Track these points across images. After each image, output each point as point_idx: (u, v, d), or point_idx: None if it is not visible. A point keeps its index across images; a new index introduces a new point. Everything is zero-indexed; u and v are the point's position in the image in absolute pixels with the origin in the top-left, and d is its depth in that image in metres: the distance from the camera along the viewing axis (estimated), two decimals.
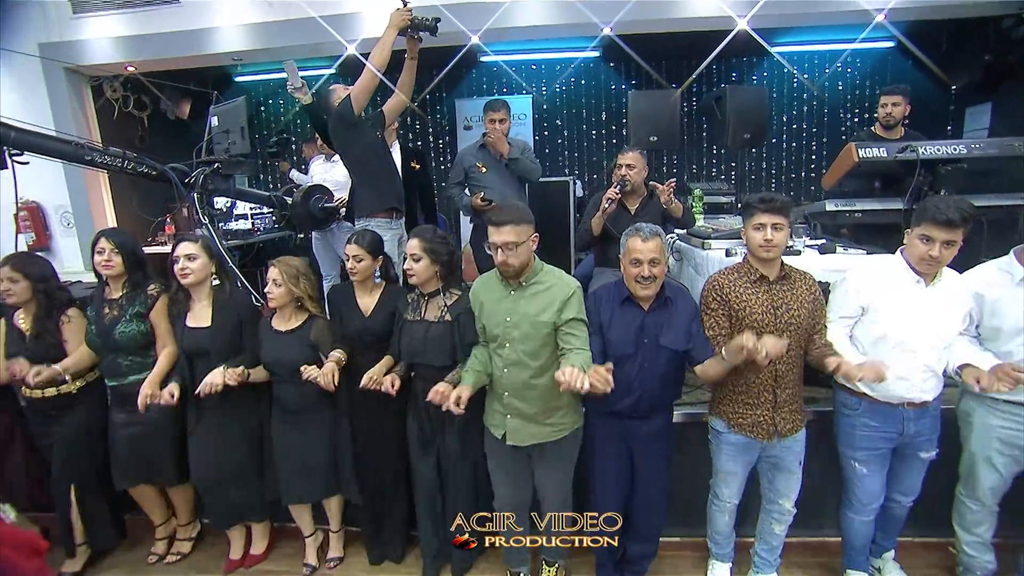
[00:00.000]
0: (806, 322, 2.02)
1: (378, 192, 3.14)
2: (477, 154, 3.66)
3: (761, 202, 1.94)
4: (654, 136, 4.14)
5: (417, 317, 2.26)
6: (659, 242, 1.97)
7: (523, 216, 1.97)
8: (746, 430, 2.10)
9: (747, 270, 2.05)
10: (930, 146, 2.76)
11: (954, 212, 1.79)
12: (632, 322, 2.04)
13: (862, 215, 2.97)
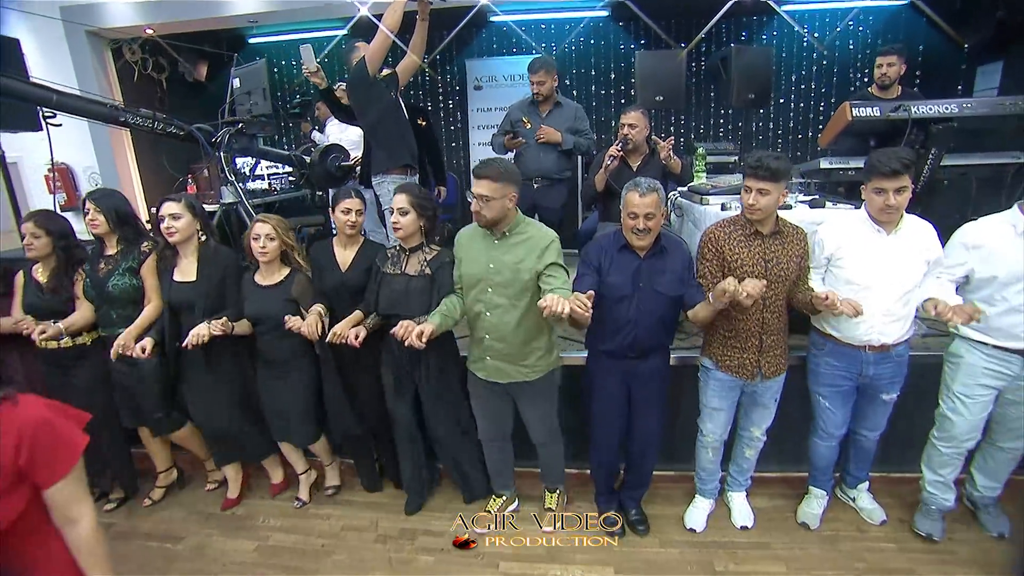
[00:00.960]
0: (795, 274, 2.20)
1: (391, 150, 3.30)
2: (525, 108, 3.75)
3: (750, 167, 2.08)
4: (660, 96, 4.23)
5: (397, 271, 2.37)
6: (656, 197, 2.10)
7: (502, 175, 2.09)
8: (732, 370, 2.31)
9: (742, 224, 2.20)
10: (921, 105, 2.85)
11: (895, 162, 1.98)
12: (629, 267, 2.20)
13: (855, 172, 3.08)
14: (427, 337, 2.06)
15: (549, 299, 1.81)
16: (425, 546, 2.61)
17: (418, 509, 2.80)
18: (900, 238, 2.13)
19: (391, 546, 2.62)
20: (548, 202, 3.70)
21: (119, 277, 2.52)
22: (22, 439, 1.13)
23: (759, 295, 1.96)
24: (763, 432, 2.47)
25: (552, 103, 3.67)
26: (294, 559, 2.58)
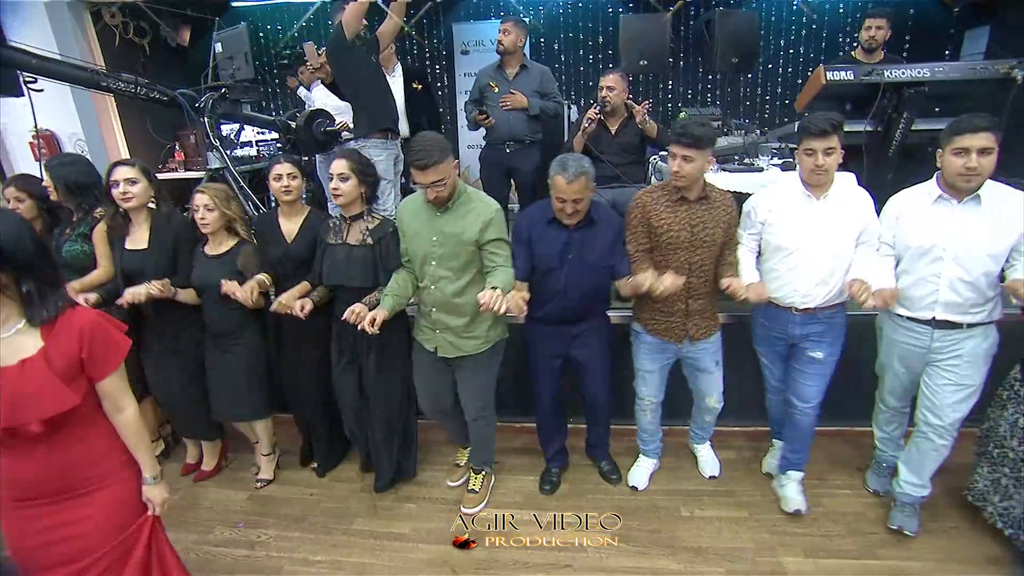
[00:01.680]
0: (721, 239, 2.23)
1: (371, 114, 3.33)
2: (493, 73, 3.76)
3: (675, 134, 2.07)
4: (644, 60, 4.22)
5: (339, 240, 2.35)
6: (584, 181, 2.07)
7: (441, 154, 2.04)
8: (660, 334, 2.37)
9: (669, 190, 2.22)
10: (895, 69, 2.89)
11: (824, 123, 1.99)
12: (558, 239, 2.22)
13: None
14: (379, 324, 2.10)
15: (488, 296, 1.90)
16: (408, 495, 2.75)
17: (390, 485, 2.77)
18: (831, 203, 2.14)
19: (376, 495, 2.76)
20: (522, 165, 3.74)
21: (72, 243, 2.53)
22: (83, 336, 1.38)
23: (675, 290, 2.05)
24: (718, 400, 2.52)
25: (519, 65, 3.67)
26: (284, 507, 2.72)
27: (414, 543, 2.47)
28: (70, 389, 1.36)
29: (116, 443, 1.54)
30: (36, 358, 1.33)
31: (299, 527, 2.60)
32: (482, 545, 2.42)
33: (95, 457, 1.49)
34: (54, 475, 1.42)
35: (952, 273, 2.00)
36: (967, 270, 1.98)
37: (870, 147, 3.15)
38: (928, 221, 2.04)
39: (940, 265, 2.02)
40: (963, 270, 1.98)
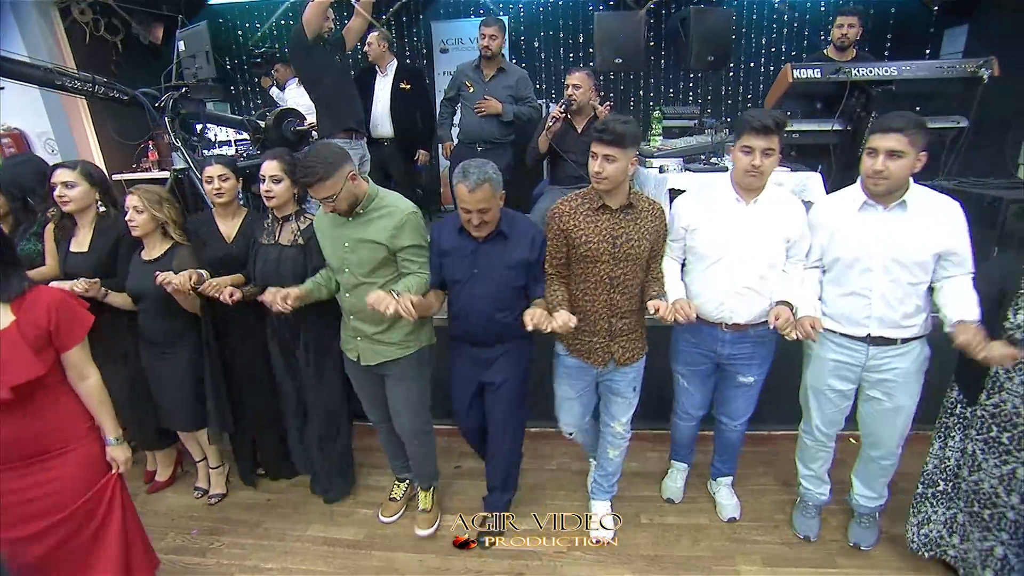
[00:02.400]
0: (647, 252, 2.02)
1: (334, 113, 3.30)
2: (471, 72, 3.73)
3: (595, 132, 1.89)
4: (619, 58, 4.19)
5: (271, 241, 2.32)
6: (488, 189, 1.89)
7: (328, 169, 1.90)
8: (583, 355, 2.13)
9: (590, 197, 2.00)
10: (862, 67, 2.85)
11: (767, 119, 1.83)
12: (464, 251, 2.05)
13: (799, 136, 3.11)
14: (292, 301, 2.02)
15: (373, 298, 1.85)
16: (366, 501, 2.71)
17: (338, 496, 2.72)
18: (760, 209, 1.98)
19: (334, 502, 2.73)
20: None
21: (25, 243, 2.51)
22: (51, 310, 1.57)
23: (565, 331, 1.85)
24: (625, 426, 2.29)
25: (497, 67, 3.66)
26: (240, 513, 2.68)
27: (367, 550, 2.43)
28: (38, 359, 1.53)
29: (81, 409, 1.72)
30: (10, 330, 1.50)
31: (253, 533, 2.56)
32: (444, 553, 2.38)
33: (62, 422, 1.67)
34: (26, 440, 1.59)
35: (883, 285, 1.87)
36: (897, 281, 1.86)
37: (839, 147, 3.12)
38: (855, 230, 1.90)
39: (870, 277, 1.88)
40: (893, 282, 1.86)
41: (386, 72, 3.98)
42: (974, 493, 1.93)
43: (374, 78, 4.14)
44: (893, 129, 1.74)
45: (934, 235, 1.81)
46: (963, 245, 1.81)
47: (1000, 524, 1.87)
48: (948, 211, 1.83)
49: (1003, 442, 1.83)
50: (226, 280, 2.30)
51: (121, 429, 1.84)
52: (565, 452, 2.96)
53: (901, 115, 1.78)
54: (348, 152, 2.03)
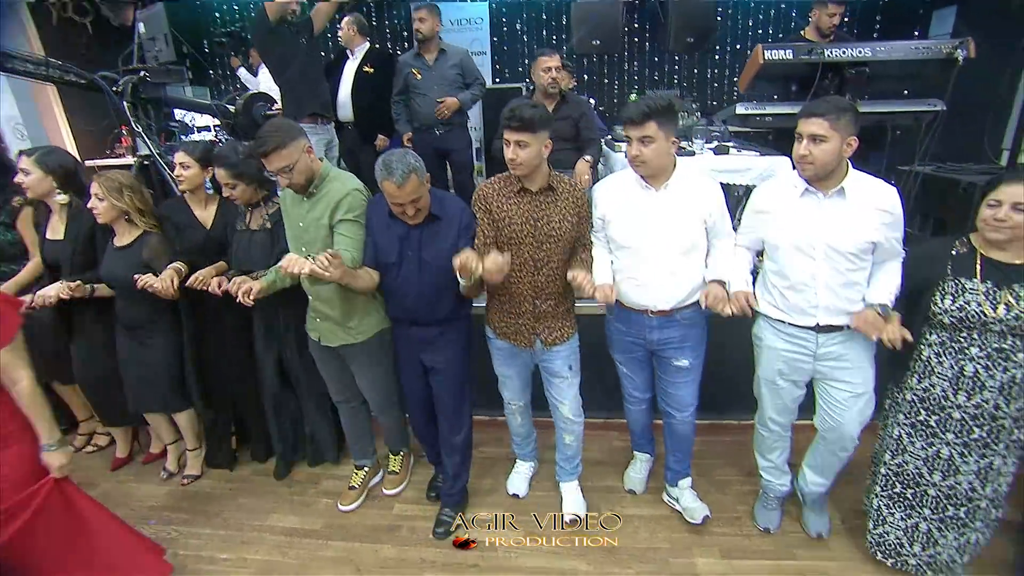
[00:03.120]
0: (569, 234, 2.02)
1: (298, 98, 3.24)
2: (413, 60, 3.69)
3: (505, 119, 1.86)
4: (597, 40, 4.09)
5: (244, 227, 2.38)
6: (415, 180, 1.87)
7: (283, 138, 1.92)
8: (509, 337, 2.16)
9: (511, 180, 2.02)
10: (834, 49, 2.77)
11: (634, 110, 1.81)
12: (395, 234, 2.05)
13: (772, 119, 3.02)
14: (254, 295, 2.02)
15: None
16: (328, 490, 2.69)
17: (287, 473, 2.79)
18: (670, 195, 1.96)
19: (296, 489, 2.72)
20: (453, 145, 3.71)
21: None
22: None
23: (498, 271, 1.81)
24: (572, 412, 2.29)
25: (436, 50, 3.62)
26: (200, 503, 2.66)
27: (325, 540, 2.41)
28: None
29: (15, 411, 1.69)
30: None
31: (212, 523, 2.54)
32: (400, 543, 2.36)
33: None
34: None
35: (827, 274, 1.85)
36: (839, 269, 1.84)
37: None
38: (796, 217, 1.88)
39: (814, 266, 1.86)
40: (835, 270, 1.84)
41: (355, 55, 3.90)
42: (896, 475, 1.99)
43: (346, 61, 4.07)
44: (815, 114, 1.73)
45: (872, 223, 1.80)
46: (898, 232, 1.83)
47: (923, 501, 1.94)
48: (886, 199, 1.80)
49: (931, 425, 1.88)
50: (211, 271, 2.31)
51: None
52: None
53: (826, 100, 1.78)
54: (301, 127, 2.05)
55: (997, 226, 1.66)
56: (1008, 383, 1.72)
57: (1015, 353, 1.70)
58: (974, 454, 1.82)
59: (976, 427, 1.80)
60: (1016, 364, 1.70)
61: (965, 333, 1.75)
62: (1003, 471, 1.84)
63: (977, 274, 1.72)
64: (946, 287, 1.76)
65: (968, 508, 1.88)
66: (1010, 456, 1.82)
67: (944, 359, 1.81)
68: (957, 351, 1.78)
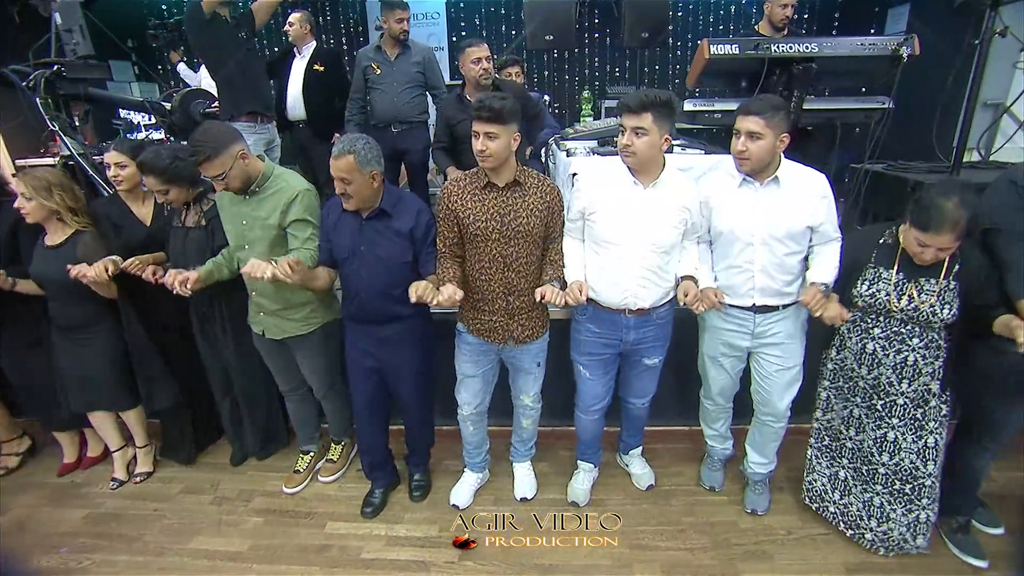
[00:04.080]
0: (538, 230, 1.99)
1: (235, 95, 3.08)
2: (374, 55, 3.55)
3: (474, 110, 1.85)
4: (550, 36, 3.99)
5: (179, 223, 2.35)
6: (350, 160, 1.88)
7: (217, 146, 1.94)
8: (483, 334, 2.14)
9: (477, 176, 1.99)
10: (781, 44, 2.70)
11: (633, 99, 1.81)
12: (350, 228, 2.06)
13: (721, 115, 2.95)
14: (192, 284, 2.03)
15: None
16: (259, 507, 2.55)
17: (243, 460, 2.82)
18: (659, 192, 1.94)
19: (225, 507, 2.57)
20: (410, 145, 3.58)
21: None
22: None
23: (451, 304, 1.85)
24: (534, 399, 2.34)
25: (401, 46, 3.48)
26: (121, 526, 2.49)
27: (249, 563, 2.27)
28: None
29: None
30: None
31: (130, 549, 2.37)
32: (330, 565, 2.23)
33: None
34: None
35: (763, 258, 1.96)
36: (775, 253, 1.95)
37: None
38: (735, 206, 1.98)
39: (752, 251, 1.97)
40: (771, 253, 1.95)
41: (303, 53, 3.74)
42: (825, 430, 2.20)
43: (294, 59, 3.90)
44: (752, 112, 1.83)
45: (805, 209, 1.91)
46: (830, 216, 1.95)
47: (841, 452, 2.16)
48: (816, 185, 1.93)
49: (844, 390, 2.10)
50: (148, 258, 2.28)
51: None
52: None
53: (761, 98, 1.88)
54: (238, 131, 2.05)
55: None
56: (901, 363, 1.90)
57: (910, 338, 1.87)
58: (871, 420, 2.02)
59: (875, 397, 1.99)
60: (910, 348, 1.88)
61: (872, 316, 1.93)
62: (903, 447, 1.98)
63: (895, 265, 1.85)
64: (866, 274, 1.90)
65: (870, 468, 2.06)
66: (908, 433, 1.96)
67: (853, 335, 1.99)
68: (863, 330, 1.96)
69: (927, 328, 1.84)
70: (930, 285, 1.80)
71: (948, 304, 1.78)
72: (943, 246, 1.68)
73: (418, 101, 3.56)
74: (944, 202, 1.63)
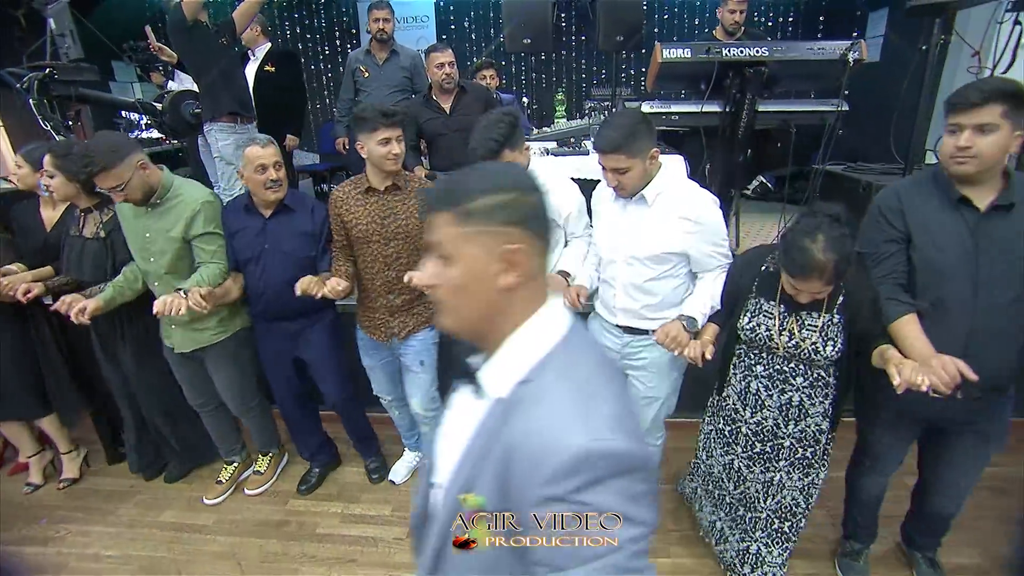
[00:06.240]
0: (417, 231, 2.07)
1: (214, 97, 3.21)
2: (363, 58, 3.69)
3: (381, 116, 1.91)
4: (527, 38, 4.10)
5: (76, 232, 2.30)
6: (275, 148, 2.04)
7: (112, 157, 1.92)
8: (370, 331, 2.25)
9: (359, 182, 2.07)
10: (733, 48, 2.79)
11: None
12: (253, 228, 2.14)
13: (678, 117, 3.05)
14: (90, 314, 1.99)
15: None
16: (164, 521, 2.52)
17: (156, 474, 2.76)
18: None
19: (195, 485, 2.71)
20: None
21: None
22: None
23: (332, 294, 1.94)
24: (423, 405, 2.34)
25: (389, 51, 3.62)
26: (99, 501, 2.65)
27: (213, 535, 2.43)
28: None
29: None
30: None
31: (105, 521, 2.53)
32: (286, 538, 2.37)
33: None
34: None
35: (625, 277, 1.87)
36: (636, 274, 1.84)
37: (723, 129, 3.06)
38: (608, 219, 1.91)
39: (615, 268, 1.89)
40: (633, 274, 1.85)
41: (256, 56, 3.89)
42: (703, 471, 2.07)
43: (248, 62, 4.03)
44: (607, 151, 1.68)
45: (674, 232, 1.76)
46: (707, 244, 1.78)
47: (720, 504, 1.99)
48: (691, 208, 1.75)
49: (726, 435, 1.90)
50: (27, 276, 2.25)
51: None
52: None
53: (613, 127, 1.69)
54: (136, 141, 2.04)
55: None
56: (786, 404, 1.71)
57: (794, 377, 1.69)
58: (758, 467, 1.82)
59: (758, 442, 1.79)
60: (794, 387, 1.69)
61: (756, 351, 1.74)
62: (787, 486, 1.80)
63: (777, 296, 1.65)
64: (748, 304, 1.71)
65: (752, 516, 1.89)
66: (795, 472, 1.78)
67: (738, 372, 1.81)
68: (747, 367, 1.78)
69: (811, 366, 1.66)
70: (812, 320, 1.61)
71: (832, 340, 1.59)
72: (814, 291, 1.51)
73: (403, 103, 3.61)
74: (808, 245, 1.42)
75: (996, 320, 1.50)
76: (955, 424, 1.70)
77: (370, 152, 1.95)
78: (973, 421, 1.66)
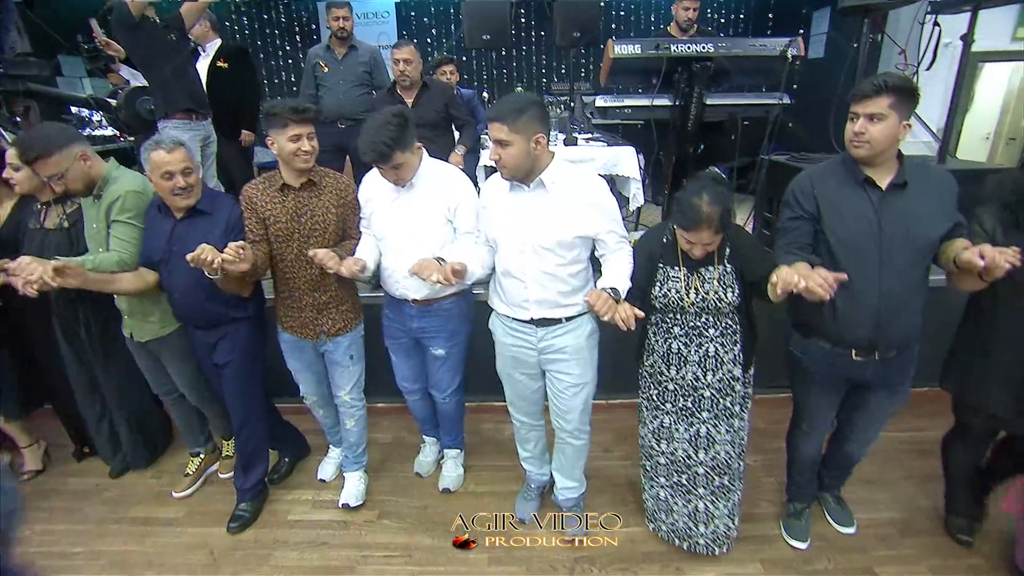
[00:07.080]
0: (334, 227, 2.08)
1: (166, 94, 3.20)
2: (322, 54, 3.73)
3: (291, 112, 1.89)
4: (486, 35, 4.18)
5: (38, 226, 2.28)
6: (184, 152, 1.96)
7: (50, 146, 1.93)
8: (295, 331, 2.21)
9: (273, 179, 2.06)
10: (680, 44, 2.93)
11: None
12: (162, 229, 2.08)
13: (631, 111, 3.19)
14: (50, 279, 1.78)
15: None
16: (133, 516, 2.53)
17: (123, 471, 2.76)
18: (416, 192, 2.02)
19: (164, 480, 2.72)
20: (354, 142, 3.65)
21: None
22: None
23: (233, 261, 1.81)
24: (352, 395, 2.36)
25: (348, 46, 3.68)
26: (65, 500, 2.62)
27: (183, 527, 2.44)
28: None
29: None
30: None
31: (71, 519, 2.52)
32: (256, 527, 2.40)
33: None
34: None
35: (536, 266, 1.85)
36: (546, 261, 1.84)
37: (674, 122, 3.21)
38: (506, 209, 1.88)
39: (522, 259, 1.85)
40: (542, 262, 1.84)
41: (206, 52, 3.88)
42: (643, 447, 2.13)
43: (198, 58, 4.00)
44: (492, 119, 1.73)
45: (578, 216, 1.80)
46: (608, 224, 1.85)
47: (657, 471, 2.09)
48: (589, 192, 1.82)
49: (654, 398, 2.01)
50: None
51: None
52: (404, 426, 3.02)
53: (505, 100, 1.77)
54: (79, 132, 2.04)
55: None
56: (704, 356, 1.87)
57: (707, 329, 1.85)
58: (683, 424, 1.95)
59: (681, 397, 1.93)
60: (708, 339, 1.86)
61: (671, 315, 1.88)
62: (717, 440, 1.94)
63: (679, 261, 1.83)
64: (658, 275, 1.85)
65: (688, 475, 2.00)
66: (720, 424, 1.92)
67: (658, 337, 1.93)
68: (665, 330, 1.91)
69: (719, 316, 1.83)
70: (709, 273, 1.80)
71: (730, 288, 1.80)
72: (705, 242, 1.70)
73: (364, 99, 3.71)
74: (696, 200, 1.63)
75: (900, 285, 1.70)
76: (873, 382, 1.90)
77: (280, 149, 1.93)
78: (886, 376, 1.88)
